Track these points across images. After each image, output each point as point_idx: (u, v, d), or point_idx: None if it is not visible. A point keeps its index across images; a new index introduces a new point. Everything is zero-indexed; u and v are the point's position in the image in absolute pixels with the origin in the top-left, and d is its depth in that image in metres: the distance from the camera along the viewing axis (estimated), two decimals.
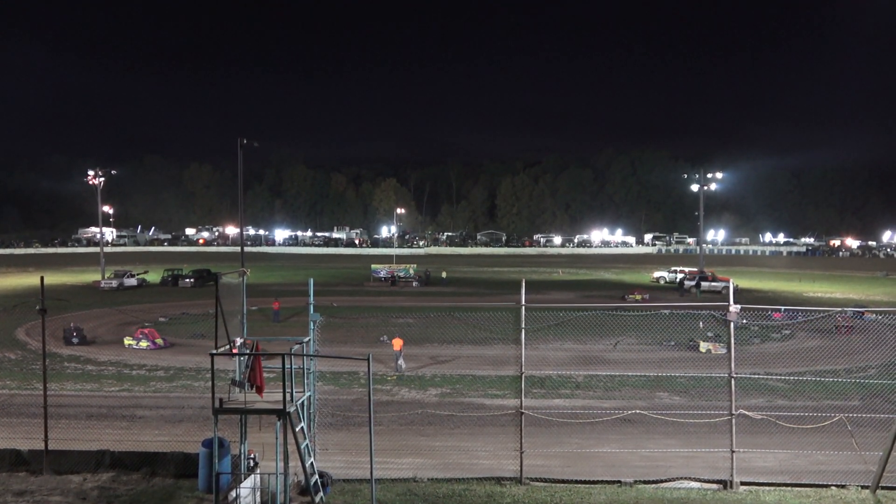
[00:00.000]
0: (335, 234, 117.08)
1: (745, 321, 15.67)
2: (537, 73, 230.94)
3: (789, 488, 11.43)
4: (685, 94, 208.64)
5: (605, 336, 23.46)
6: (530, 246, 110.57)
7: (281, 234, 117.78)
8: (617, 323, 19.86)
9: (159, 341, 25.09)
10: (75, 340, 25.26)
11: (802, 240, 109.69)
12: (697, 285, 44.02)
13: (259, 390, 10.89)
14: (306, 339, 11.88)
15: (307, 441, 11.02)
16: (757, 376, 18.44)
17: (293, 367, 10.69)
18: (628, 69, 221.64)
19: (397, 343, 21.17)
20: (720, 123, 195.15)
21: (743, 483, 11.58)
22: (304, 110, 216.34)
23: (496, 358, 21.38)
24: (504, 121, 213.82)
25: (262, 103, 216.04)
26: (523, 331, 12.53)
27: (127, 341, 25.18)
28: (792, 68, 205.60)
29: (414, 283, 50.42)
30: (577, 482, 11.67)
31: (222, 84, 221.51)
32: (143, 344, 24.78)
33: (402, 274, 51.96)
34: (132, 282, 48.02)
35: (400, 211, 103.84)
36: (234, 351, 11.23)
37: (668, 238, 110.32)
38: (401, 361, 20.92)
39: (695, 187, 55.19)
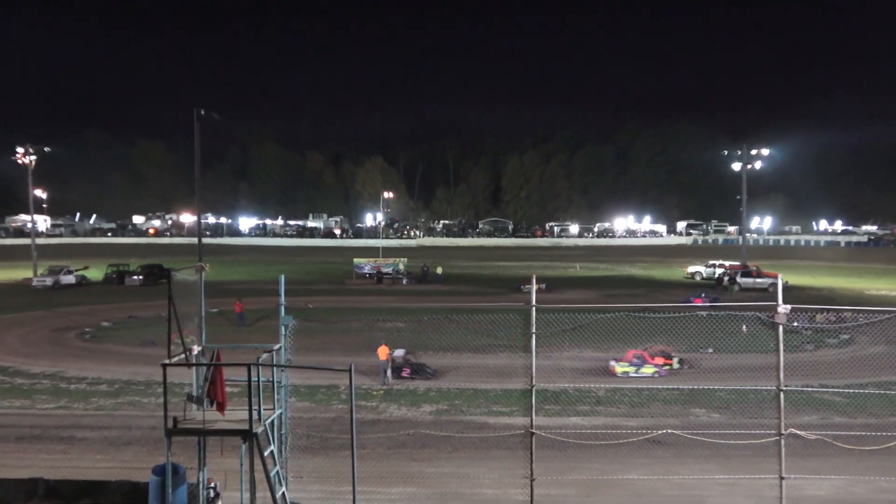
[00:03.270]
0: (311, 223, 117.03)
1: (795, 324, 15.66)
2: (548, 34, 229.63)
3: None
4: (724, 57, 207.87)
5: (630, 343, 23.44)
6: (542, 236, 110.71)
7: (246, 222, 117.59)
8: (645, 327, 19.84)
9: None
10: None
11: (863, 228, 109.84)
12: (732, 281, 44.07)
13: (220, 407, 10.84)
14: (276, 346, 11.87)
15: (278, 467, 10.97)
16: (810, 389, 18.47)
17: (261, 379, 10.63)
18: (656, 28, 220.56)
19: (383, 352, 21.15)
20: (765, 92, 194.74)
21: None
22: (274, 78, 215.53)
23: (502, 369, 21.37)
24: (510, 90, 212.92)
25: (225, 70, 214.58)
26: (533, 336, 12.50)
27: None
28: (852, 26, 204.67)
29: (404, 281, 50.48)
30: None
31: (179, 48, 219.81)
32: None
33: (389, 270, 51.97)
34: (70, 279, 47.85)
35: (387, 195, 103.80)
36: (191, 361, 11.16)
37: (704, 226, 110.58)
38: (389, 373, 20.91)
39: (736, 166, 55.22)
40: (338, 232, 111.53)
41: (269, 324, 30.14)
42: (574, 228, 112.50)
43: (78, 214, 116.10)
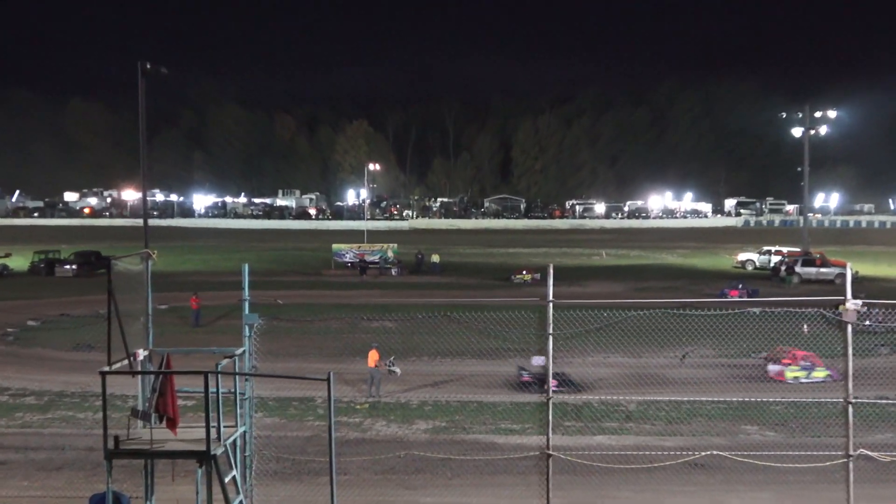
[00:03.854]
0: (280, 202, 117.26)
1: (867, 323, 15.67)
2: None
3: None
4: (781, 1, 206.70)
5: (668, 346, 23.46)
6: (561, 217, 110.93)
7: (202, 200, 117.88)
8: (685, 327, 19.80)
9: None
10: None
11: None
12: (790, 271, 44.16)
13: (172, 424, 10.85)
14: (239, 350, 11.90)
15: (241, 496, 11.00)
16: (885, 402, 18.51)
17: (221, 390, 10.62)
18: None
19: (373, 358, 21.19)
20: (832, 42, 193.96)
21: None
22: (235, 24, 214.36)
23: (511, 377, 21.41)
24: (522, 40, 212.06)
25: (176, 16, 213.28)
26: (550, 339, 12.50)
27: None
28: None
29: (394, 271, 50.58)
30: None
31: None
32: None
33: (376, 258, 52.02)
34: None
35: (373, 167, 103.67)
36: (136, 368, 11.17)
37: (757, 205, 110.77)
38: (381, 376, 21.00)
39: (796, 132, 55.08)
40: (313, 212, 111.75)
41: (230, 323, 30.09)
42: (599, 208, 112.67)
43: None
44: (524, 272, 47.15)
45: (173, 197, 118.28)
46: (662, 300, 33.71)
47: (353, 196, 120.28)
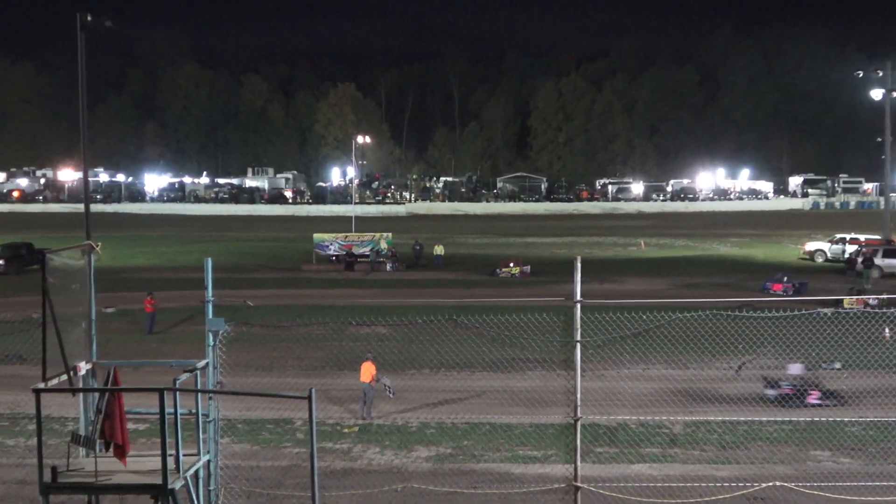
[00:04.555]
0: (250, 182, 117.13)
1: None
2: None
3: None
4: None
5: (720, 354, 23.41)
6: (590, 199, 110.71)
7: (156, 181, 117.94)
8: (742, 332, 19.82)
9: None
10: None
11: None
12: (868, 263, 44.05)
13: (121, 452, 10.86)
14: (202, 363, 11.93)
15: None
16: None
17: (180, 411, 10.63)
18: None
19: (367, 371, 21.15)
20: None
21: None
22: None
23: (531, 394, 21.37)
24: None
25: None
26: (578, 346, 12.50)
27: None
28: None
29: (388, 266, 50.58)
30: None
31: None
32: None
33: (366, 250, 51.99)
34: None
35: (363, 140, 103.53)
36: (77, 385, 11.17)
37: (829, 183, 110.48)
38: (379, 389, 21.03)
39: (876, 94, 54.82)
40: (290, 195, 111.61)
41: (190, 330, 30.12)
42: (637, 188, 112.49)
43: None
44: (511, 264, 47.87)
45: (120, 177, 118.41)
46: (714, 299, 33.71)
47: (339, 175, 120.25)
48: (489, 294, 40.10)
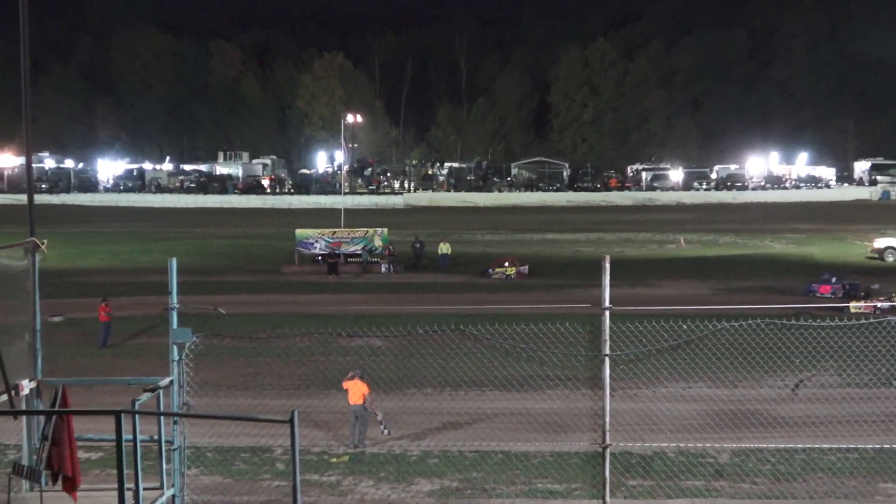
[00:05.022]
0: (221, 169, 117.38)
1: None
2: None
3: None
4: None
5: (773, 370, 23.27)
6: (620, 188, 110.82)
7: (111, 168, 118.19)
8: (799, 344, 19.71)
9: None
10: None
11: None
12: None
13: (70, 485, 10.82)
14: (166, 381, 11.93)
15: None
16: None
17: (140, 438, 10.50)
18: None
19: (356, 391, 20.96)
20: None
21: None
22: None
23: (552, 417, 21.24)
24: None
25: None
26: (607, 361, 12.38)
27: None
28: None
29: (384, 267, 50.54)
30: None
31: None
32: None
33: (357, 248, 51.90)
34: None
35: (353, 119, 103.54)
36: (19, 407, 11.10)
37: None
38: (370, 417, 20.87)
39: None
40: (267, 183, 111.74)
41: (151, 342, 30.13)
42: (676, 175, 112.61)
43: None
44: (506, 264, 48.16)
45: (69, 163, 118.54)
46: (766, 306, 33.58)
47: (325, 161, 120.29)
48: (501, 300, 39.97)
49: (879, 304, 34.45)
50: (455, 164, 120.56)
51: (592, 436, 12.88)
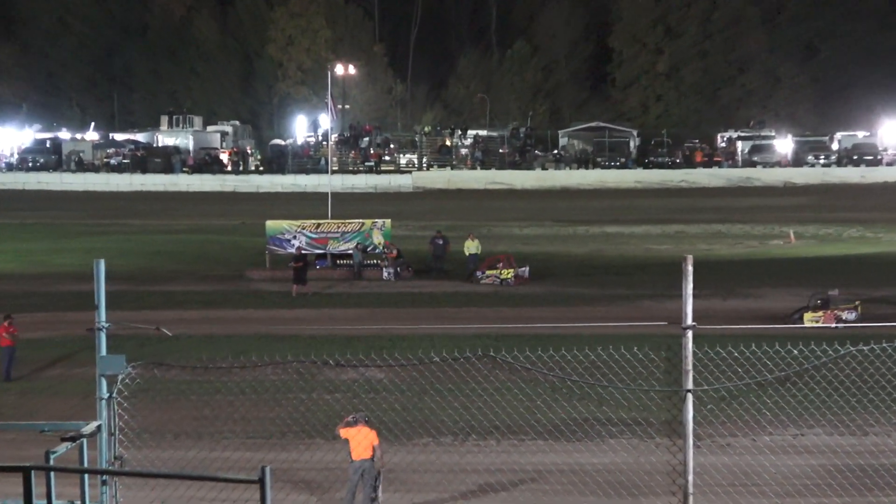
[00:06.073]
0: (165, 139, 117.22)
1: None
2: None
3: None
4: None
5: None
6: (707, 163, 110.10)
7: (14, 137, 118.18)
8: None
9: None
10: None
11: None
12: None
13: None
14: (90, 426, 12.03)
15: None
16: None
17: (56, 503, 10.71)
18: None
19: (360, 439, 20.97)
20: None
21: None
22: None
23: (616, 475, 21.36)
24: None
25: None
26: (690, 399, 12.49)
27: None
28: None
29: (385, 272, 50.50)
30: None
31: None
32: None
33: (349, 247, 51.98)
34: None
35: (344, 71, 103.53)
36: None
37: None
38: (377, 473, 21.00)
39: None
40: (227, 158, 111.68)
41: (71, 374, 30.20)
42: (783, 145, 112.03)
43: None
44: (499, 265, 49.26)
45: None
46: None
47: (305, 128, 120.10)
48: (536, 316, 40.03)
49: (843, 315, 35.06)
50: (482, 133, 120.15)
51: (670, 501, 13.01)
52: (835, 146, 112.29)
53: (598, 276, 49.38)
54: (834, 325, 35.62)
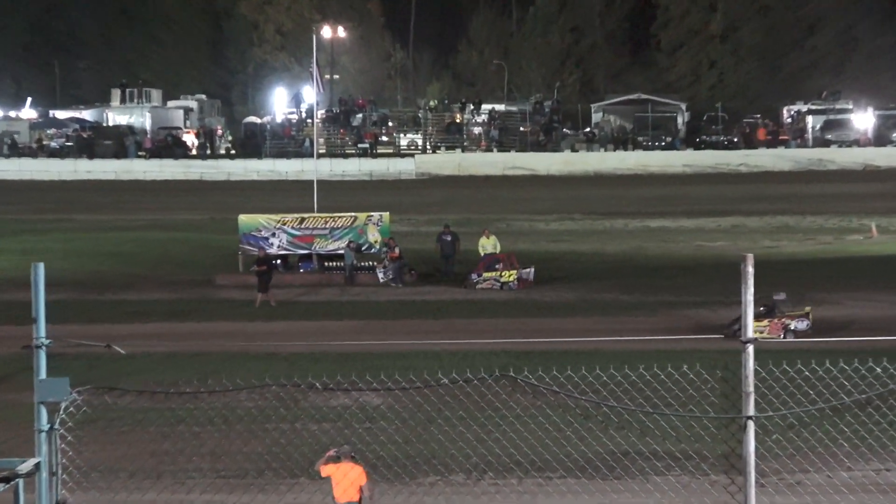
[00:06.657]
0: (117, 116, 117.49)
1: None
2: None
3: None
4: None
5: None
6: (772, 142, 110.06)
7: None
8: None
9: None
10: None
11: None
12: None
13: None
14: (27, 464, 12.10)
15: None
16: None
17: None
18: None
19: (340, 477, 21.01)
20: None
21: None
22: None
23: None
24: None
25: None
26: (751, 427, 12.43)
27: None
28: None
29: (381, 275, 50.67)
30: None
31: None
32: None
33: (341, 246, 52.13)
34: None
35: (332, 34, 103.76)
36: None
37: None
38: None
39: None
40: (192, 140, 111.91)
41: (5, 401, 30.33)
42: (862, 120, 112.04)
43: None
44: (498, 265, 49.91)
45: None
46: None
47: (286, 103, 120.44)
48: (563, 328, 40.08)
49: (791, 324, 35.31)
50: (499, 107, 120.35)
51: None
52: None
53: (639, 280, 49.55)
54: (781, 336, 35.77)
